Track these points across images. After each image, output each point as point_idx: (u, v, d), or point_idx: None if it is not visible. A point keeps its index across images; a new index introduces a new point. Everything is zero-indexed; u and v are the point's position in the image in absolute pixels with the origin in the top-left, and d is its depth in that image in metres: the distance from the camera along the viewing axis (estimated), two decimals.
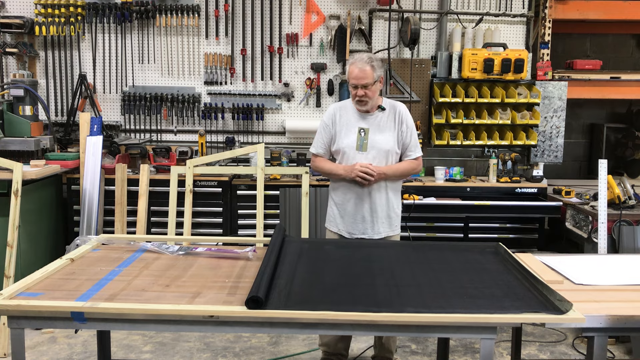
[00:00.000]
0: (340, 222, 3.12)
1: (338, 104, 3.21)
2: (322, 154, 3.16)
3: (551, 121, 4.86)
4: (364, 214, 3.06)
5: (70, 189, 4.50)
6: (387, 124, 3.06)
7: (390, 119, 3.07)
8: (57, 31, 4.68)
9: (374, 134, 3.03)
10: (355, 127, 3.04)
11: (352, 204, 3.07)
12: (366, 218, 3.06)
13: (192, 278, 2.25)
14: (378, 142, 3.02)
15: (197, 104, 4.92)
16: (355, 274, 2.29)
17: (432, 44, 4.97)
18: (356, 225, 3.08)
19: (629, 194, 3.96)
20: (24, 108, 4.37)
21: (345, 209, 3.09)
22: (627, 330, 2.30)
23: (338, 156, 3.11)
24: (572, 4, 4.90)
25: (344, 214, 3.11)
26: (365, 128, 3.03)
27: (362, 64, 2.92)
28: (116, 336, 3.72)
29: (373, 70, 2.93)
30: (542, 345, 3.76)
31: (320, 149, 3.15)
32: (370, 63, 2.93)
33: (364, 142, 3.02)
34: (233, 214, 4.54)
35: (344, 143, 3.05)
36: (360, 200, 3.05)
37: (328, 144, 3.13)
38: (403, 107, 3.13)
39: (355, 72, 2.93)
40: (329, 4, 4.88)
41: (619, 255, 3.59)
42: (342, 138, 3.06)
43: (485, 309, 1.92)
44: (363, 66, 2.92)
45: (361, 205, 3.05)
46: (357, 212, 3.06)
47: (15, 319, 1.93)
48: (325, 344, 3.21)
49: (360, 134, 3.03)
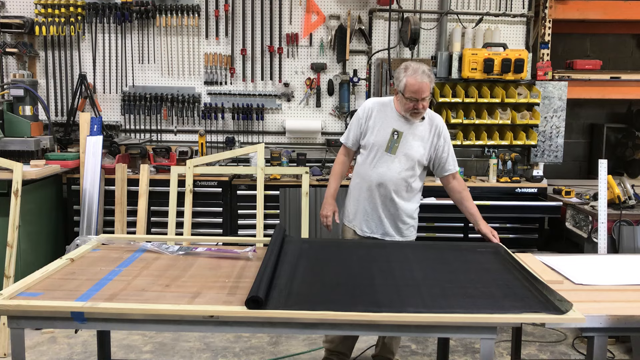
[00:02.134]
0: (354, 218, 3.10)
1: (378, 100, 3.11)
2: (350, 145, 3.12)
3: (551, 121, 4.86)
4: (380, 214, 3.03)
5: (70, 189, 4.50)
6: (422, 133, 3.00)
7: (426, 129, 3.01)
8: (57, 31, 4.68)
9: (406, 139, 2.96)
10: (389, 128, 2.98)
11: (371, 203, 3.03)
12: (383, 219, 3.03)
13: (192, 278, 2.25)
14: (409, 148, 2.96)
15: (197, 104, 4.92)
16: (355, 274, 2.29)
17: (432, 44, 4.97)
18: (371, 225, 3.05)
19: (629, 194, 3.96)
20: (24, 108, 4.37)
21: (362, 207, 3.06)
22: (627, 330, 2.31)
23: (366, 151, 3.04)
24: (572, 4, 4.90)
25: (358, 210, 3.07)
26: (399, 131, 2.97)
27: (422, 77, 2.83)
28: (116, 336, 3.72)
29: (431, 82, 2.87)
30: (542, 345, 3.76)
31: (349, 140, 3.12)
32: (429, 76, 2.85)
33: (395, 145, 2.96)
34: (233, 214, 4.53)
35: (374, 140, 2.99)
36: (380, 201, 3.01)
37: (357, 138, 3.08)
38: (441, 120, 3.08)
39: (417, 86, 2.82)
40: (329, 4, 4.88)
41: (619, 255, 3.59)
42: (374, 135, 3.00)
43: (485, 309, 1.92)
44: (423, 79, 2.83)
45: (379, 207, 3.02)
46: (374, 212, 3.03)
47: (15, 319, 1.93)
48: (329, 341, 3.18)
49: (394, 135, 2.96)
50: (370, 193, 3.02)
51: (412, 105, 2.87)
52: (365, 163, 3.04)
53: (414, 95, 2.85)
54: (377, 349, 3.29)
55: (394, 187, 2.98)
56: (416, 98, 2.85)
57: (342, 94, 4.85)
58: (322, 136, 5.00)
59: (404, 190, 3.01)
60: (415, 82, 2.82)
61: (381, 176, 2.98)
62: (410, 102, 2.87)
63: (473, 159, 5.14)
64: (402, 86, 2.87)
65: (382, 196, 3.00)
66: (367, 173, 3.02)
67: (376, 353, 3.31)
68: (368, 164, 3.02)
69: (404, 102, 2.90)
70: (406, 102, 2.89)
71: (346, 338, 3.16)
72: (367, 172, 3.02)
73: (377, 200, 3.02)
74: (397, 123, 2.98)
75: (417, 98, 2.85)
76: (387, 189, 2.98)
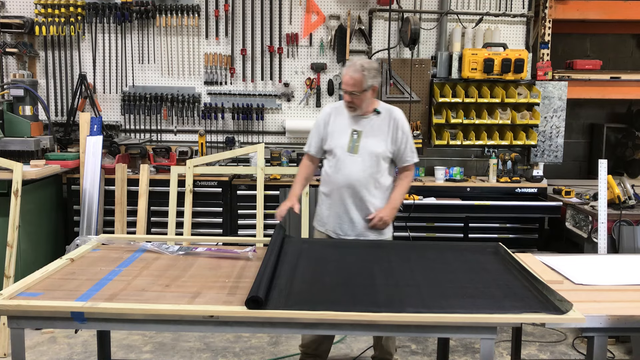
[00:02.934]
0: (327, 222, 3.10)
1: (334, 104, 3.20)
2: (313, 153, 3.16)
3: (551, 121, 4.86)
4: (351, 215, 3.03)
5: (70, 189, 4.50)
6: (381, 128, 3.03)
7: (384, 123, 3.04)
8: (57, 31, 4.68)
9: (366, 137, 3.00)
10: (348, 129, 3.02)
11: (341, 206, 3.04)
12: (354, 220, 3.03)
13: (192, 278, 2.25)
14: (370, 145, 2.99)
15: (197, 104, 4.92)
16: (355, 274, 2.29)
17: (432, 44, 4.97)
18: (343, 227, 3.05)
19: (629, 194, 3.96)
20: (24, 108, 4.36)
21: (334, 210, 3.07)
22: (627, 330, 2.31)
23: (330, 155, 3.08)
24: (572, 4, 4.90)
25: (330, 214, 3.08)
26: (358, 130, 3.01)
27: (354, 72, 2.89)
28: (116, 336, 3.72)
29: (363, 79, 2.88)
30: (542, 345, 3.76)
31: (311, 148, 3.16)
32: (362, 72, 2.88)
33: (356, 145, 3.00)
34: (233, 214, 4.53)
35: (336, 143, 3.03)
36: (349, 202, 3.02)
37: (319, 145, 3.13)
38: (399, 112, 3.10)
39: (346, 79, 2.91)
40: (329, 4, 4.88)
41: (619, 255, 3.59)
42: (335, 138, 3.04)
43: (485, 309, 1.92)
44: (354, 74, 2.89)
45: (350, 208, 3.02)
46: (345, 214, 3.03)
47: (15, 319, 1.93)
48: (305, 345, 3.18)
49: (353, 136, 3.00)
50: (340, 195, 3.03)
51: (345, 97, 2.95)
52: (331, 167, 3.06)
53: (344, 87, 2.93)
54: (376, 352, 3.28)
55: (362, 186, 2.99)
56: (345, 90, 2.93)
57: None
58: None
59: (372, 187, 3.02)
60: (345, 74, 2.93)
61: (347, 177, 2.99)
62: (345, 93, 2.95)
63: (473, 159, 5.14)
64: (341, 79, 3.01)
65: (351, 197, 3.01)
66: (334, 176, 3.03)
67: (375, 354, 3.30)
68: (333, 167, 3.04)
69: (343, 95, 2.99)
70: (343, 95, 2.98)
71: (322, 342, 3.16)
72: (334, 175, 3.04)
73: (347, 201, 3.02)
74: (355, 123, 3.03)
75: (346, 90, 2.92)
76: (355, 189, 2.99)
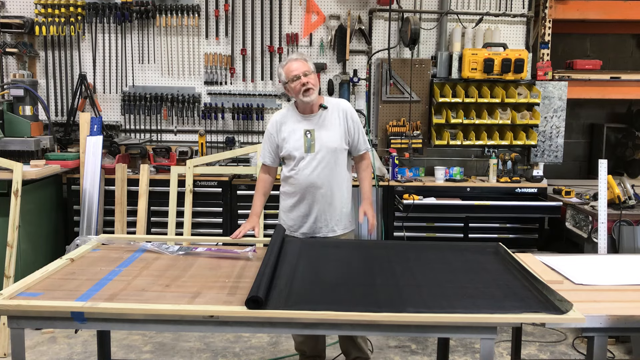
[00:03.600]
0: (293, 224, 3.11)
1: (280, 112, 3.19)
2: (269, 163, 3.17)
3: (551, 121, 4.86)
4: (316, 215, 3.04)
5: (70, 189, 4.50)
6: (331, 121, 3.05)
7: (334, 116, 3.06)
8: (57, 31, 4.68)
9: (319, 133, 3.02)
10: (300, 130, 3.03)
11: (306, 206, 3.05)
12: (319, 218, 3.05)
13: (192, 278, 2.25)
14: (325, 141, 3.01)
15: (197, 104, 4.92)
16: (355, 274, 2.29)
17: (432, 44, 4.97)
18: (309, 226, 3.07)
19: (629, 194, 3.96)
20: (24, 108, 4.36)
21: (299, 212, 3.08)
22: (627, 330, 2.30)
23: (289, 160, 3.08)
24: (572, 4, 4.89)
25: (296, 216, 3.09)
26: (310, 129, 3.03)
27: (296, 57, 3.01)
28: (116, 336, 3.72)
29: (307, 62, 3.01)
30: (542, 345, 3.76)
31: (266, 158, 3.17)
32: (303, 57, 3.03)
33: (312, 144, 3.02)
34: (233, 214, 4.53)
35: (291, 147, 3.03)
36: (314, 202, 3.03)
37: (275, 152, 3.13)
38: (347, 103, 3.14)
39: (294, 65, 2.97)
40: (329, 4, 4.88)
41: (619, 255, 3.59)
42: (290, 142, 3.04)
43: (485, 309, 1.92)
44: (298, 58, 3.01)
45: (314, 207, 3.04)
46: (310, 214, 3.05)
47: (15, 319, 1.93)
48: (300, 349, 3.21)
49: (307, 135, 3.02)
50: (302, 196, 3.05)
51: (299, 83, 2.96)
52: (290, 170, 3.07)
53: (295, 73, 2.96)
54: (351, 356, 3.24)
55: (323, 183, 3.02)
56: (297, 75, 2.95)
57: (342, 94, 4.85)
58: None
59: (334, 182, 3.04)
60: (289, 65, 3.00)
61: (309, 177, 3.01)
62: (296, 82, 2.97)
63: (473, 159, 5.13)
64: (283, 77, 3.02)
65: (315, 195, 3.03)
66: (294, 178, 3.05)
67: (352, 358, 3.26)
68: (292, 170, 3.06)
69: (292, 88, 2.99)
70: (294, 86, 2.98)
71: (316, 343, 3.18)
72: (294, 178, 3.05)
73: (311, 200, 3.04)
74: (305, 123, 3.05)
75: (298, 74, 2.95)
76: (317, 187, 3.02)
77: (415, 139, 4.74)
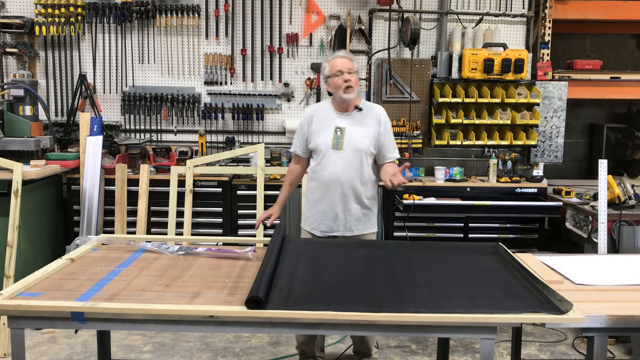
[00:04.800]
0: (314, 220, 3.13)
1: (316, 105, 3.28)
2: (300, 153, 3.21)
3: (551, 121, 4.86)
4: (336, 212, 3.06)
5: (70, 189, 4.50)
6: (364, 123, 3.07)
7: (367, 119, 3.09)
8: (57, 31, 4.68)
9: (350, 132, 3.04)
10: (332, 126, 3.06)
11: (327, 202, 3.07)
12: (339, 216, 3.07)
13: (192, 278, 2.25)
14: (354, 141, 3.03)
15: (197, 104, 4.92)
16: (355, 274, 2.29)
17: (432, 44, 4.97)
18: (329, 223, 3.09)
19: (629, 194, 3.96)
20: (24, 108, 4.36)
21: (320, 207, 3.10)
22: (627, 330, 2.31)
23: (315, 154, 3.12)
24: (572, 4, 4.90)
25: (317, 212, 3.12)
26: (341, 127, 3.05)
27: (343, 55, 3.07)
28: (116, 336, 3.72)
29: (351, 60, 3.05)
30: (542, 345, 3.76)
31: (297, 148, 3.21)
32: (349, 56, 3.08)
33: (340, 141, 3.04)
34: (233, 214, 4.53)
35: (320, 141, 3.07)
36: (335, 198, 3.05)
37: (304, 145, 3.17)
38: (382, 109, 3.17)
39: (339, 61, 3.02)
40: (329, 4, 4.88)
41: (619, 255, 3.59)
42: (319, 136, 3.08)
43: (485, 309, 1.92)
44: (344, 56, 3.07)
45: (335, 204, 3.06)
46: (331, 210, 3.07)
47: (15, 319, 1.93)
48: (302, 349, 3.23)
49: (337, 132, 3.04)
50: (325, 192, 3.07)
51: (341, 79, 2.99)
52: (316, 165, 3.11)
53: (340, 68, 3.00)
54: (356, 346, 3.31)
55: (347, 182, 3.04)
56: (341, 70, 2.99)
57: None
58: None
59: (358, 183, 3.06)
60: (335, 60, 3.05)
61: (332, 173, 3.04)
62: (338, 78, 3.00)
63: (473, 159, 5.14)
64: (327, 70, 3.07)
65: (336, 193, 3.05)
66: (319, 173, 3.08)
67: (356, 349, 3.33)
68: (318, 165, 3.09)
69: (334, 82, 3.03)
70: (336, 80, 3.01)
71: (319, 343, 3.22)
72: (319, 173, 3.09)
73: (332, 197, 3.06)
74: (338, 120, 3.08)
75: (342, 70, 2.99)
76: (341, 185, 3.04)
77: (415, 139, 4.74)
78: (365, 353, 3.28)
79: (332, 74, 3.03)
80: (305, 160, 3.23)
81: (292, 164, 3.29)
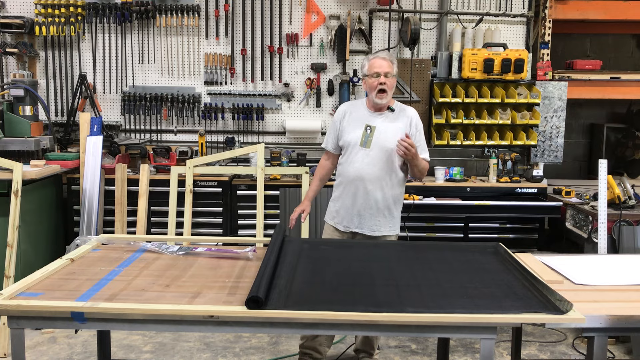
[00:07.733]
0: (337, 215, 3.19)
1: (350, 102, 3.33)
2: (331, 149, 3.27)
3: (551, 121, 4.86)
4: (359, 209, 3.10)
5: (70, 189, 4.50)
6: (395, 124, 3.11)
7: (399, 120, 3.13)
8: (57, 31, 4.68)
9: (379, 132, 3.08)
10: (362, 124, 3.11)
11: (350, 198, 3.12)
12: (362, 214, 3.10)
13: (192, 278, 2.25)
14: (383, 140, 3.07)
15: (197, 104, 4.92)
16: (355, 274, 2.29)
17: (432, 44, 4.97)
18: (351, 219, 3.13)
19: (629, 194, 3.96)
20: (24, 108, 4.37)
21: (343, 203, 3.15)
22: (627, 330, 2.31)
23: (344, 150, 3.18)
24: (572, 4, 4.90)
25: (340, 207, 3.17)
26: (372, 126, 3.09)
27: (384, 57, 3.07)
28: (116, 336, 3.72)
29: (393, 64, 3.07)
30: (542, 345, 3.76)
31: (328, 144, 3.29)
32: (391, 58, 3.09)
33: (369, 139, 3.08)
34: (233, 214, 4.53)
35: (349, 138, 3.12)
36: (358, 196, 3.09)
37: (335, 140, 3.24)
38: (414, 111, 3.21)
39: (379, 62, 3.04)
40: (329, 4, 4.88)
41: (619, 255, 3.59)
42: (349, 133, 3.14)
43: (485, 309, 1.92)
44: (385, 57, 3.07)
45: (358, 201, 3.10)
46: (353, 207, 3.11)
47: (15, 319, 1.93)
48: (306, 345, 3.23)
49: (367, 130, 3.09)
50: (350, 188, 3.11)
51: (377, 81, 3.01)
52: (345, 161, 3.17)
53: (377, 70, 3.02)
54: (359, 345, 3.33)
55: (372, 180, 3.07)
56: (378, 73, 3.01)
57: (342, 94, 4.85)
58: (322, 136, 4.99)
59: (382, 183, 3.09)
60: (375, 61, 3.06)
61: (358, 170, 3.08)
62: (374, 79, 3.02)
63: (473, 159, 5.14)
64: (366, 69, 3.09)
65: (360, 190, 3.09)
66: (346, 169, 3.14)
67: (358, 348, 3.34)
68: (346, 161, 3.15)
69: (369, 83, 3.06)
70: (371, 82, 3.04)
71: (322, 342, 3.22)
72: (346, 169, 3.14)
73: (356, 194, 3.10)
74: (370, 119, 3.12)
75: (379, 72, 3.01)
76: (365, 182, 3.07)
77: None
78: (368, 352, 3.28)
79: (369, 73, 3.06)
80: (335, 156, 3.29)
81: (322, 160, 3.35)
